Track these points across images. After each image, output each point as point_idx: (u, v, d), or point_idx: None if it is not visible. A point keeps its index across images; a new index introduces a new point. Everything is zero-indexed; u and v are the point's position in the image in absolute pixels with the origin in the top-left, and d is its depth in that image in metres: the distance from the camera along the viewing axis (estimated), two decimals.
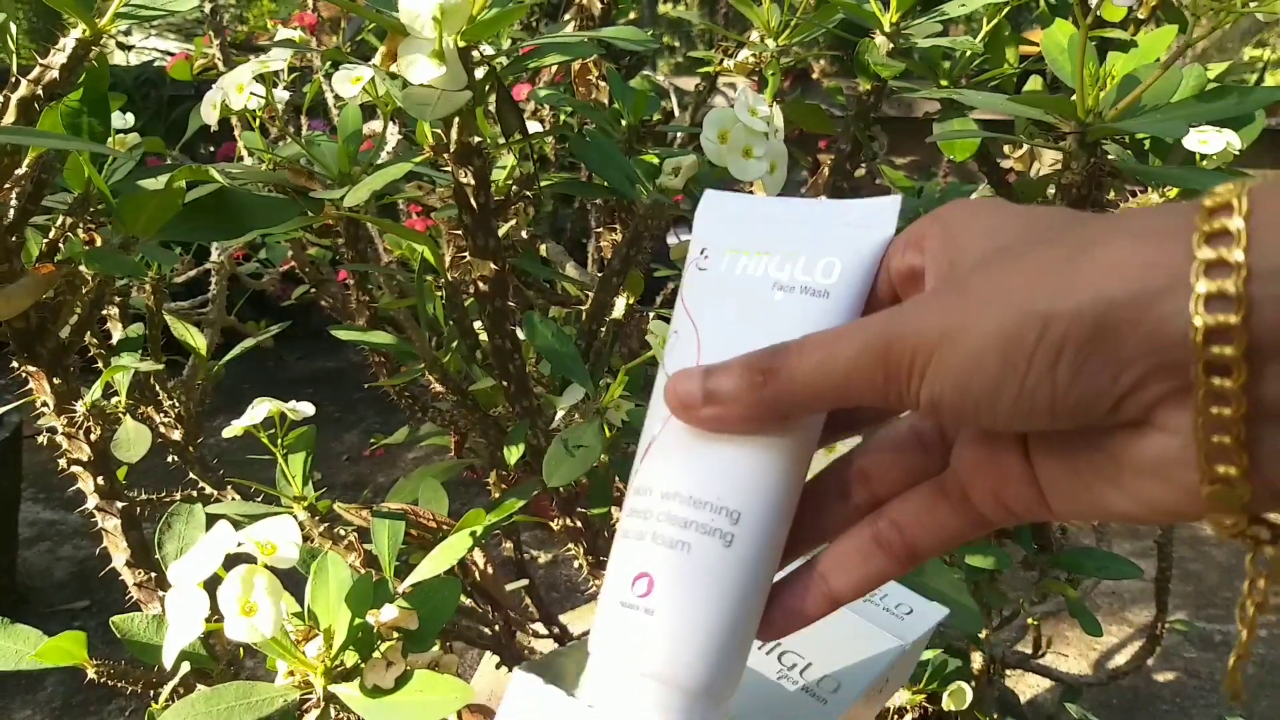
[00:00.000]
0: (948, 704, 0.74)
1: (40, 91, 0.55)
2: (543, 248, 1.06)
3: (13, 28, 0.62)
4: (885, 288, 0.32)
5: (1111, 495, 0.27)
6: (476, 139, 0.62)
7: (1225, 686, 0.28)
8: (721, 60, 0.90)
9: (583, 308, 0.88)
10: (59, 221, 0.63)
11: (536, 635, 1.01)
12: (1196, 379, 0.23)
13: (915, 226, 0.31)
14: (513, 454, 0.72)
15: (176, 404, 0.91)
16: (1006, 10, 0.82)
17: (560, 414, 0.71)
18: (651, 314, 0.83)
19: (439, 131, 0.62)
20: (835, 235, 0.32)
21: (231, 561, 0.47)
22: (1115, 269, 0.24)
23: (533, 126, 0.97)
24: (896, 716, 0.89)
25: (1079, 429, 0.26)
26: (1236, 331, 0.22)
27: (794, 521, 0.32)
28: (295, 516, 0.65)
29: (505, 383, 0.71)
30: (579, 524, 0.79)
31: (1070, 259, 0.25)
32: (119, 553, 0.71)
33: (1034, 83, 0.92)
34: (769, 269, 0.32)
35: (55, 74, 0.55)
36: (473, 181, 0.63)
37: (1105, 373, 0.24)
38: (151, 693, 0.63)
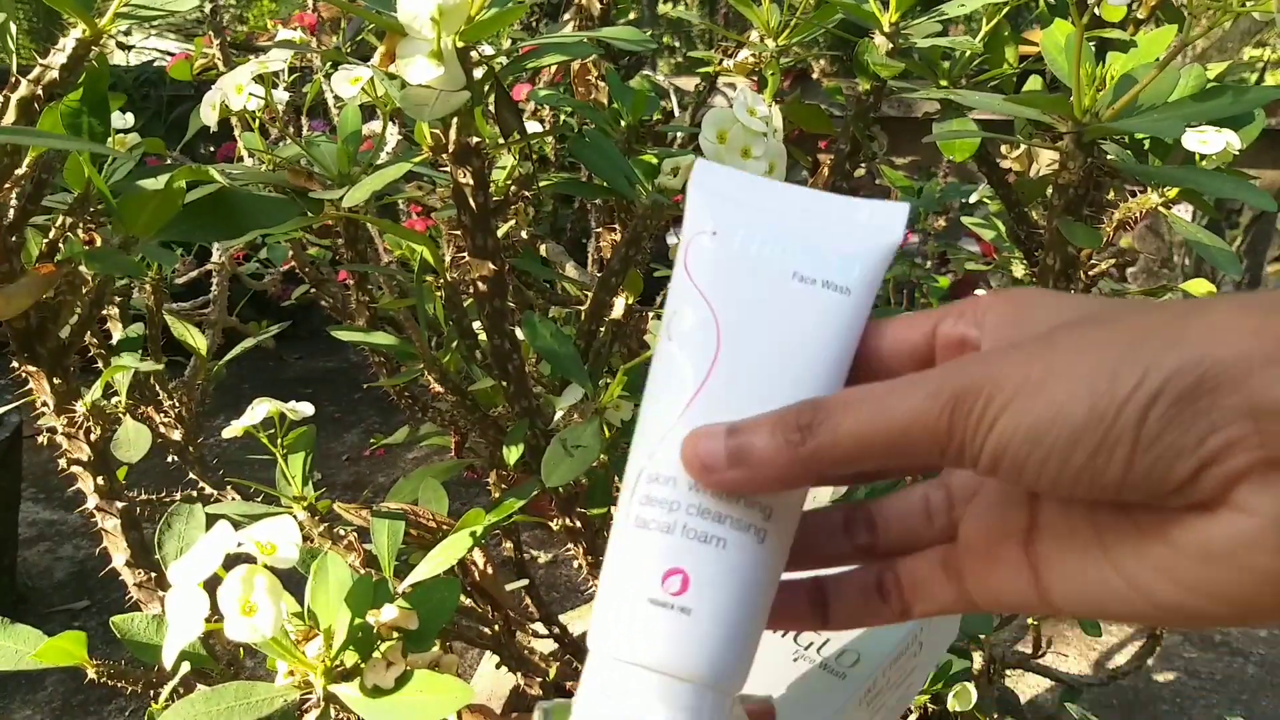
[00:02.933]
0: (953, 704, 0.74)
1: (40, 91, 0.55)
2: (542, 248, 1.07)
3: (13, 28, 0.62)
4: (922, 352, 0.31)
5: (1160, 585, 0.25)
6: (475, 139, 0.62)
7: None
8: (721, 60, 0.91)
9: (582, 308, 0.88)
10: (59, 221, 0.63)
11: (536, 635, 1.01)
12: None
13: (973, 299, 0.31)
14: (512, 454, 0.72)
15: (176, 404, 0.91)
16: (1006, 10, 0.82)
17: (559, 414, 0.71)
18: (651, 313, 0.83)
19: (437, 132, 0.62)
20: (851, 233, 0.32)
21: (231, 561, 0.47)
22: (1222, 331, 0.23)
23: (532, 126, 0.98)
24: (900, 716, 0.89)
25: (1129, 508, 0.26)
26: None
27: (795, 540, 0.31)
28: (295, 516, 0.65)
29: (504, 383, 0.71)
30: (578, 524, 0.79)
31: (1172, 322, 0.24)
32: (119, 553, 0.71)
33: (1033, 83, 0.92)
34: (787, 256, 0.32)
35: (55, 74, 0.55)
36: (471, 182, 0.63)
37: (1193, 432, 0.23)
38: (151, 693, 0.63)
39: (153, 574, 0.72)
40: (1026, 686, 1.54)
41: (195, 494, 0.88)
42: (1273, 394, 0.22)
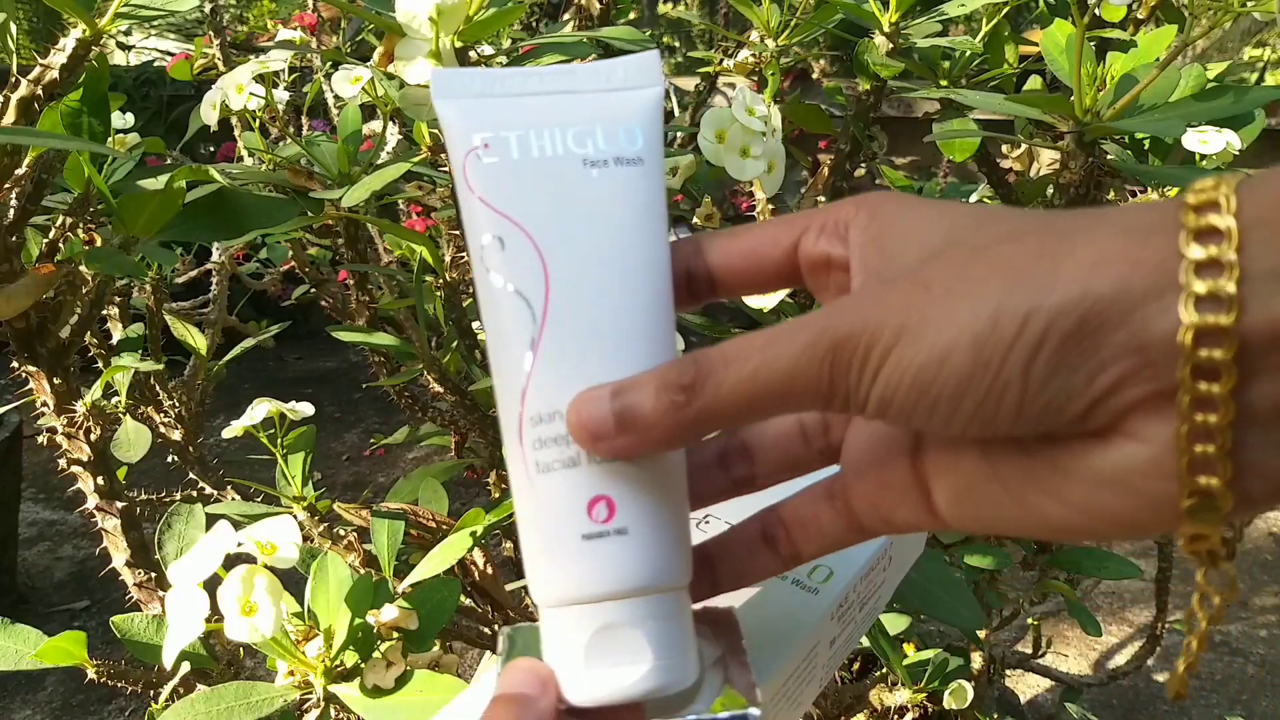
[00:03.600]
0: (949, 703, 0.74)
1: (40, 91, 0.55)
2: None
3: (13, 28, 0.62)
4: (786, 270, 0.30)
5: (1050, 507, 0.25)
6: None
7: (1169, 686, 0.27)
8: (721, 60, 0.90)
9: None
10: (59, 221, 0.62)
11: None
12: (1182, 383, 0.22)
13: (834, 211, 0.29)
14: None
15: (176, 404, 0.91)
16: (1006, 10, 0.82)
17: None
18: None
19: (437, 132, 0.62)
20: (618, 99, 0.32)
21: (231, 561, 0.47)
22: (1101, 264, 0.23)
23: None
24: (897, 715, 0.89)
25: (1018, 438, 0.25)
26: (1228, 334, 0.21)
27: None
28: (295, 516, 0.65)
29: None
30: None
31: (1049, 254, 0.24)
32: (119, 553, 0.71)
33: (1033, 83, 0.91)
34: (570, 146, 0.30)
35: (55, 74, 0.55)
36: None
37: (1082, 373, 0.23)
38: (151, 693, 0.63)
39: (153, 574, 0.71)
40: (1026, 686, 1.54)
41: (195, 494, 0.88)
42: (1158, 326, 0.22)
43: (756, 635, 0.34)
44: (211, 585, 0.46)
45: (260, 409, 0.63)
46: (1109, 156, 0.69)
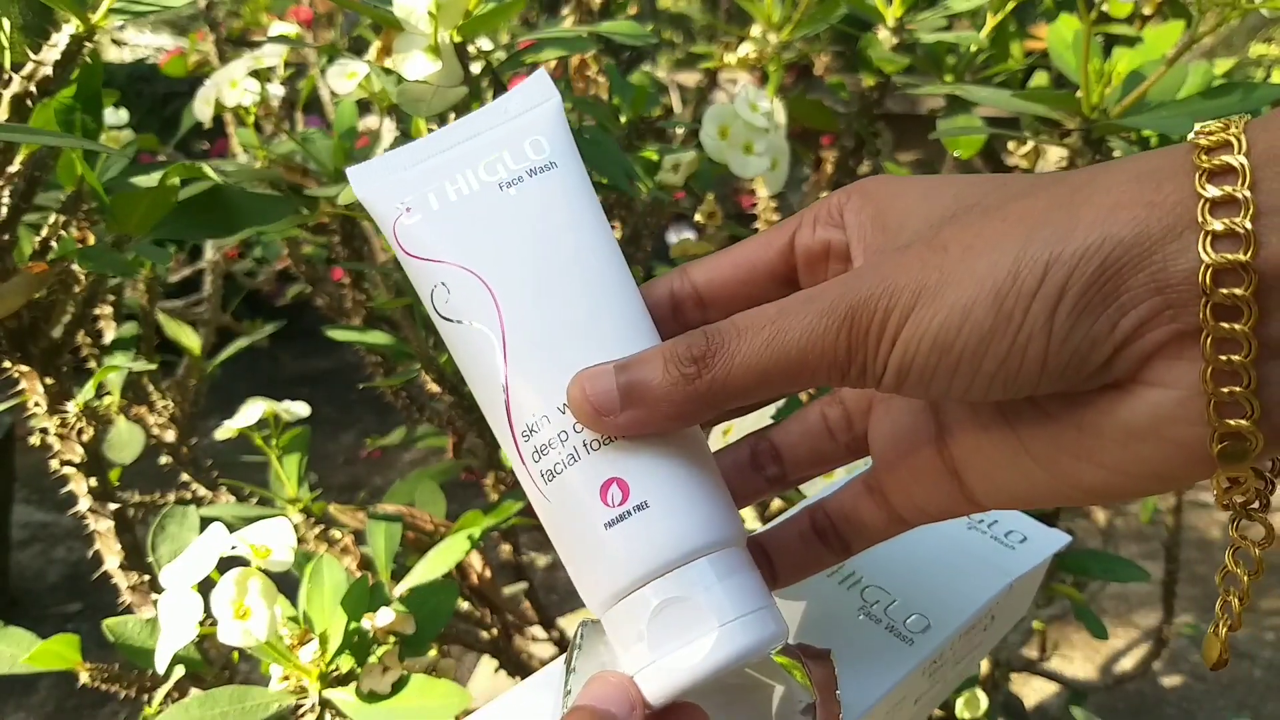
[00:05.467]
0: (961, 712, 0.73)
1: (33, 88, 0.54)
2: None
3: (5, 23, 0.61)
4: (781, 271, 0.30)
5: (1084, 471, 0.25)
6: None
7: (1207, 653, 0.27)
8: (723, 55, 0.90)
9: None
10: (52, 219, 0.62)
11: (535, 639, 1.00)
12: (1204, 323, 0.22)
13: (825, 201, 0.29)
14: None
15: (170, 404, 0.90)
16: (1011, 5, 0.82)
17: None
18: None
19: (434, 128, 0.62)
20: (515, 124, 0.32)
21: (225, 564, 0.46)
22: (1118, 210, 0.23)
23: None
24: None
25: (1038, 402, 0.25)
26: (1246, 270, 0.21)
27: None
28: (290, 519, 0.64)
29: None
30: None
31: (1064, 205, 0.23)
32: (112, 555, 0.70)
33: (1039, 78, 0.91)
34: (483, 177, 0.31)
35: (48, 70, 0.54)
36: None
37: (1105, 319, 0.23)
38: (145, 697, 0.62)
39: (146, 577, 0.71)
40: (1032, 691, 1.53)
41: (189, 496, 0.87)
42: (1178, 267, 0.22)
43: (841, 681, 0.33)
44: (206, 588, 0.45)
45: (254, 409, 0.62)
46: (1116, 154, 0.68)
